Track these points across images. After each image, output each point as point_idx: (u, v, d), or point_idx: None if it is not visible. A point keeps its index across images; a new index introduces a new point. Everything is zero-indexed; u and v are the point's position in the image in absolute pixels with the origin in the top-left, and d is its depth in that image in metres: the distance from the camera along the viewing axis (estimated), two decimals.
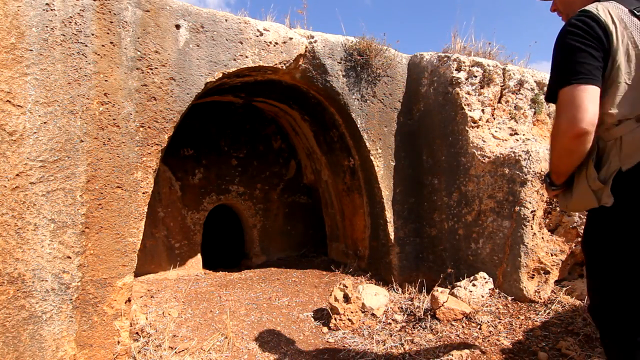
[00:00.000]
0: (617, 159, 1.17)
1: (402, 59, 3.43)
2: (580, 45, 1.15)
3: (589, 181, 1.20)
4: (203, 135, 4.18)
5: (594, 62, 1.15)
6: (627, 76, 1.15)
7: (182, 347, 2.25)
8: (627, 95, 1.15)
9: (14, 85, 1.78)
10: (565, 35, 1.20)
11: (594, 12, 1.17)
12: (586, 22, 1.16)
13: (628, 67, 1.15)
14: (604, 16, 1.16)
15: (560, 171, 1.29)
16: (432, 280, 3.06)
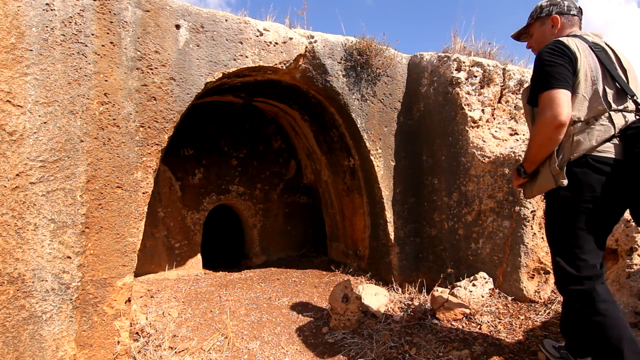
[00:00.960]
0: (569, 150, 1.55)
1: (402, 59, 3.43)
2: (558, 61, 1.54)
3: (551, 167, 1.57)
4: (203, 135, 4.18)
5: (568, 74, 1.53)
6: (583, 90, 1.56)
7: (182, 347, 2.25)
8: (582, 104, 1.56)
9: (14, 85, 1.78)
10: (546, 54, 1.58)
11: (565, 41, 1.58)
12: (561, 47, 1.57)
13: (585, 84, 1.56)
14: (572, 46, 1.56)
15: (537, 160, 1.62)
16: (432, 280, 3.06)
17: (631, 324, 2.00)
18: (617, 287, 2.24)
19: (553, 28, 1.74)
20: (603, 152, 1.53)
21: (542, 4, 1.79)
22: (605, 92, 1.56)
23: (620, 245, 2.45)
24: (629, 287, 2.16)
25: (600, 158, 1.52)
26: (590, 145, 1.52)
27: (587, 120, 1.55)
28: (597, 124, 1.54)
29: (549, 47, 1.59)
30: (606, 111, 1.55)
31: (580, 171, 1.53)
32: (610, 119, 1.54)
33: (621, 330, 1.48)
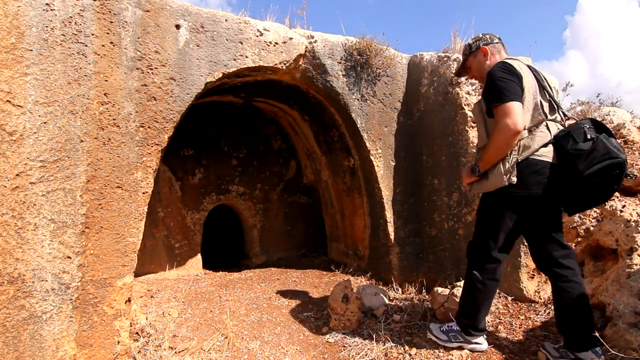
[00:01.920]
0: (517, 153, 1.84)
1: (402, 59, 3.43)
2: (510, 78, 1.81)
3: (504, 167, 1.84)
4: (203, 135, 4.18)
5: (519, 89, 1.80)
6: (528, 103, 1.83)
7: (182, 347, 2.25)
8: (527, 115, 1.83)
9: (14, 85, 1.78)
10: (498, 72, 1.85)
11: (510, 62, 1.87)
12: (509, 67, 1.84)
13: (529, 98, 1.84)
14: (516, 66, 1.85)
15: (492, 162, 1.88)
16: (432, 280, 3.06)
17: (631, 324, 2.00)
18: (617, 287, 2.24)
19: (485, 57, 2.05)
20: (542, 155, 1.84)
21: (470, 42, 2.14)
22: (542, 105, 1.87)
23: (620, 245, 2.45)
24: (629, 287, 2.16)
25: (540, 161, 1.84)
26: (534, 149, 1.84)
27: (530, 129, 1.86)
28: (538, 131, 1.86)
29: (498, 66, 1.87)
30: (544, 120, 1.87)
31: (524, 171, 1.83)
32: (547, 127, 1.87)
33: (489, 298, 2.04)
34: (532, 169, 1.82)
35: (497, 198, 1.91)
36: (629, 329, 1.98)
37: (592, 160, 1.70)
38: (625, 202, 2.60)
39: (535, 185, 1.82)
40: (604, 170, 1.70)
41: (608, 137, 1.75)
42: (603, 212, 2.65)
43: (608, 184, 1.74)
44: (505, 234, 1.94)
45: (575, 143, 1.76)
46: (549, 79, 1.99)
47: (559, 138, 1.84)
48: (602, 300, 2.30)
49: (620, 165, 1.69)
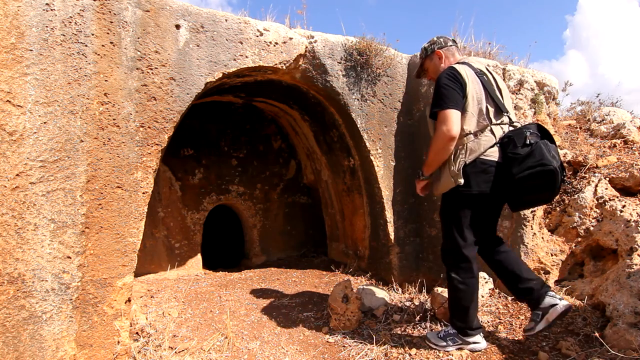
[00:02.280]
0: (463, 156, 1.96)
1: (402, 59, 3.43)
2: (452, 86, 1.94)
3: (450, 170, 1.98)
4: (203, 135, 4.18)
5: (459, 97, 1.93)
6: (471, 109, 1.95)
7: (182, 347, 2.25)
8: (471, 120, 1.96)
9: (14, 85, 1.78)
10: (444, 79, 1.97)
11: (457, 68, 1.98)
12: (454, 74, 1.97)
13: (472, 104, 1.95)
14: (463, 73, 1.96)
15: (433, 165, 2.06)
16: (432, 280, 3.06)
17: (631, 324, 2.00)
18: (617, 287, 2.24)
19: (440, 60, 2.18)
20: (489, 156, 1.97)
21: (426, 45, 2.26)
22: (487, 110, 1.98)
23: (620, 245, 2.45)
24: (629, 287, 2.17)
25: (487, 161, 1.97)
26: (480, 152, 1.96)
27: (475, 133, 1.98)
28: (483, 135, 1.98)
29: (445, 73, 2.00)
30: (489, 125, 1.98)
31: (472, 171, 1.96)
32: (492, 131, 1.98)
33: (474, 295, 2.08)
34: (480, 169, 1.96)
35: (453, 198, 2.04)
36: (629, 329, 1.98)
37: (525, 165, 1.83)
38: (625, 202, 2.60)
39: (484, 183, 1.96)
40: (536, 175, 1.81)
41: (548, 143, 1.85)
42: (603, 212, 2.65)
43: (544, 188, 1.84)
44: (469, 230, 2.04)
45: (515, 147, 1.89)
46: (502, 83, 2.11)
47: (503, 141, 1.97)
48: (602, 300, 2.30)
49: (551, 172, 1.79)
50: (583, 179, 2.90)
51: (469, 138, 1.97)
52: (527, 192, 1.89)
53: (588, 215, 2.70)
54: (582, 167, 2.99)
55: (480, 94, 1.97)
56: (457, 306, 2.11)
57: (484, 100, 1.97)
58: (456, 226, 2.06)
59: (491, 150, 1.96)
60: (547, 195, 1.90)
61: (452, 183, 1.99)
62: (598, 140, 3.50)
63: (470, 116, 1.95)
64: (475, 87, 1.96)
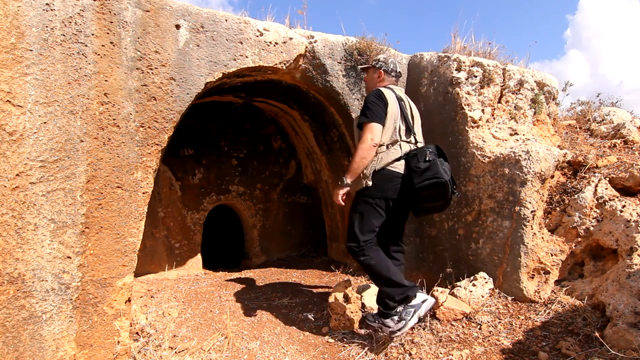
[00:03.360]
0: (375, 163, 2.31)
1: (402, 59, 3.43)
2: (378, 103, 2.31)
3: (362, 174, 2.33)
4: (203, 135, 4.18)
5: (383, 114, 2.30)
6: (389, 124, 2.31)
7: (182, 347, 2.25)
8: (386, 134, 2.32)
9: (14, 85, 1.78)
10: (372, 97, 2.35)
11: (382, 91, 2.36)
12: (380, 94, 2.34)
13: (389, 122, 2.32)
14: (386, 95, 2.34)
15: (357, 171, 2.32)
16: (432, 280, 3.06)
17: (631, 324, 2.00)
18: (617, 287, 2.24)
19: (378, 77, 2.54)
20: (395, 168, 2.31)
21: (380, 58, 2.58)
22: (400, 128, 2.35)
23: (620, 245, 2.45)
24: (629, 287, 2.16)
25: (393, 172, 2.31)
26: (388, 162, 2.30)
27: (387, 145, 2.33)
28: (392, 148, 2.33)
29: (374, 92, 2.37)
30: (399, 141, 2.34)
31: (379, 178, 2.30)
32: (400, 146, 2.34)
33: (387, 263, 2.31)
34: (387, 177, 2.30)
35: (361, 198, 2.37)
36: (629, 329, 1.98)
37: (424, 177, 2.19)
38: (625, 202, 2.60)
39: (389, 190, 2.30)
40: (431, 186, 2.18)
41: (443, 161, 2.25)
42: (603, 212, 2.65)
43: (438, 197, 2.22)
44: (369, 228, 2.35)
45: (417, 162, 2.25)
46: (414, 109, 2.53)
47: (410, 156, 2.31)
48: (602, 300, 2.30)
49: (443, 184, 2.16)
50: (583, 179, 2.90)
51: (382, 148, 2.33)
52: (424, 200, 2.26)
53: (588, 215, 2.70)
54: (582, 167, 2.99)
55: (396, 115, 2.35)
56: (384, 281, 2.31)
57: (398, 120, 2.35)
58: (357, 223, 2.36)
59: (398, 163, 2.32)
60: (441, 204, 2.27)
61: (362, 184, 2.34)
62: (598, 140, 3.50)
63: (387, 130, 2.32)
64: (394, 108, 2.35)
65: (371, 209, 2.33)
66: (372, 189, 2.30)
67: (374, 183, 2.30)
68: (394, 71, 2.56)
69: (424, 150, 2.28)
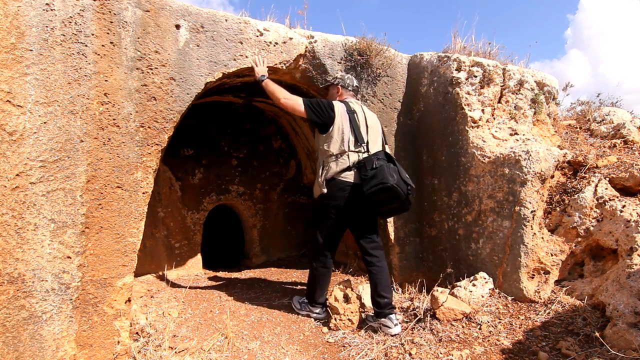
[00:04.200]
0: (326, 172, 2.52)
1: (402, 59, 3.43)
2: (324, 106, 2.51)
3: (318, 180, 2.56)
4: (203, 135, 4.17)
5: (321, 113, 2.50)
6: (336, 136, 2.50)
7: (182, 347, 2.25)
8: (335, 144, 2.51)
9: (14, 85, 1.78)
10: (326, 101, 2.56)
11: (334, 103, 2.56)
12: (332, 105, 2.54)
13: (337, 132, 2.50)
14: (336, 107, 2.54)
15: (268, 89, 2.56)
16: (432, 280, 3.06)
17: (631, 324, 2.00)
18: (617, 287, 2.24)
19: (337, 93, 2.75)
20: (345, 177, 2.49)
21: (337, 75, 2.79)
22: (348, 140, 2.50)
23: (620, 245, 2.45)
24: (629, 287, 2.17)
25: (343, 182, 2.50)
26: (337, 171, 2.49)
27: (336, 155, 2.51)
28: (341, 158, 2.50)
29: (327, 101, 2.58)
30: (346, 152, 2.49)
31: (332, 186, 2.51)
32: (348, 157, 2.49)
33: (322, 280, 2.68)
34: (338, 187, 2.50)
35: (320, 206, 2.61)
36: (629, 329, 1.98)
37: (371, 184, 2.33)
38: (625, 202, 2.60)
39: (341, 198, 2.49)
40: (379, 191, 2.30)
41: (391, 166, 2.37)
42: (603, 212, 2.65)
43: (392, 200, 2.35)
44: (328, 233, 2.60)
45: (365, 170, 2.41)
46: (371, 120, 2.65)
47: (360, 165, 2.47)
48: (602, 300, 2.30)
49: (389, 188, 2.28)
50: (583, 179, 2.90)
51: (331, 158, 2.52)
52: (379, 204, 2.40)
53: (588, 215, 2.70)
54: (582, 167, 2.99)
55: (345, 127, 2.50)
56: (309, 285, 2.74)
57: (347, 131, 2.50)
58: (319, 228, 2.62)
59: (347, 173, 2.49)
60: (398, 205, 2.38)
61: (319, 191, 2.56)
62: (598, 140, 3.50)
63: (335, 141, 2.50)
64: (343, 121, 2.51)
65: (328, 216, 2.57)
66: (328, 197, 2.52)
67: (328, 192, 2.52)
68: (350, 86, 2.75)
69: (371, 159, 2.43)
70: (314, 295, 2.71)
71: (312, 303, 2.74)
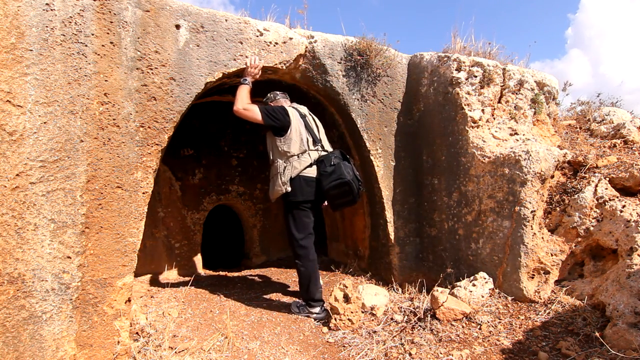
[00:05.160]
0: (290, 172, 2.69)
1: (402, 59, 3.43)
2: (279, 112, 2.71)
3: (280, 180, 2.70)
4: (203, 135, 4.17)
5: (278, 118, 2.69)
6: (295, 137, 2.71)
7: (182, 347, 2.25)
8: (295, 145, 2.71)
9: (14, 85, 1.78)
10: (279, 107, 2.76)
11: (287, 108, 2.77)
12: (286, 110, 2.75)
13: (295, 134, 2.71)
14: (290, 111, 2.75)
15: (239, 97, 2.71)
16: (432, 280, 3.06)
17: (631, 324, 2.00)
18: (617, 287, 2.24)
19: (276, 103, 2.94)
20: (308, 173, 2.71)
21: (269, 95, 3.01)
22: (307, 140, 2.75)
23: (620, 245, 2.45)
24: (629, 287, 2.17)
25: (307, 177, 2.70)
26: (300, 169, 2.70)
27: (298, 155, 2.72)
28: (302, 157, 2.72)
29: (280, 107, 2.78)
30: (307, 150, 2.74)
31: (297, 184, 2.69)
32: (309, 155, 2.74)
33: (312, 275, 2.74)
34: (305, 182, 2.70)
35: (287, 204, 2.75)
36: (629, 329, 1.98)
37: (330, 179, 2.62)
38: (625, 202, 2.60)
39: (307, 193, 2.70)
40: (336, 186, 2.61)
41: (347, 164, 2.67)
42: (603, 212, 2.65)
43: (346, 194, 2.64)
44: (301, 226, 2.75)
45: (325, 167, 2.67)
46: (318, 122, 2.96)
47: (319, 162, 2.72)
48: (602, 300, 2.30)
49: (347, 183, 2.59)
50: (583, 179, 2.90)
51: (293, 158, 2.71)
52: (336, 198, 2.67)
53: (588, 215, 2.70)
54: (582, 167, 2.99)
55: (301, 128, 2.74)
56: (302, 284, 2.80)
57: (304, 132, 2.74)
58: (292, 225, 2.75)
59: (310, 169, 2.72)
60: (351, 198, 2.67)
61: (281, 191, 2.70)
62: (598, 140, 3.50)
63: (294, 142, 2.70)
64: (297, 123, 2.74)
65: (300, 211, 2.73)
66: (294, 194, 2.68)
67: (295, 189, 2.68)
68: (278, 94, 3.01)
69: (330, 156, 2.71)
70: (308, 293, 2.76)
71: (309, 302, 2.78)
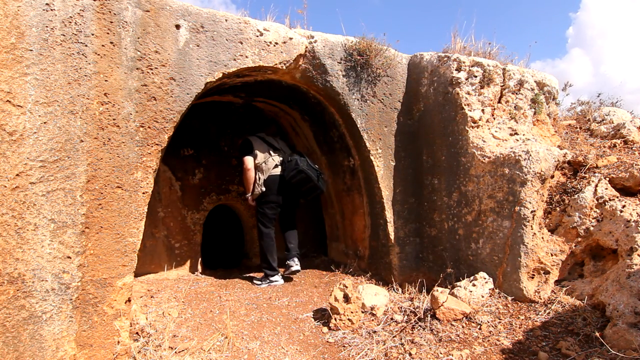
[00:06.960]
0: (264, 174, 3.50)
1: (402, 59, 3.43)
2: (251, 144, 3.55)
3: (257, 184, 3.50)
4: (203, 135, 4.17)
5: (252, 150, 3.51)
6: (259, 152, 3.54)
7: (182, 347, 2.25)
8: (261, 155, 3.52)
9: (14, 85, 1.78)
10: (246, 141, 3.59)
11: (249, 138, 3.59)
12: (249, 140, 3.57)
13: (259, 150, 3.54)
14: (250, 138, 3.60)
15: (249, 187, 3.52)
16: (432, 280, 3.06)
17: (631, 324, 2.01)
18: (617, 287, 2.24)
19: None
20: (276, 172, 3.50)
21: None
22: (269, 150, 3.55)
23: (620, 245, 2.45)
24: (629, 287, 2.17)
25: (275, 176, 3.49)
26: (269, 170, 3.49)
27: (265, 161, 3.50)
28: (269, 160, 3.51)
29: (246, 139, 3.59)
30: (271, 155, 3.54)
31: (269, 183, 3.48)
32: (273, 158, 3.53)
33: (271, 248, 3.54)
34: (273, 181, 3.49)
35: (261, 201, 3.53)
36: (629, 329, 1.98)
37: (289, 169, 3.41)
38: (625, 202, 2.60)
39: (275, 189, 3.49)
40: (295, 175, 3.37)
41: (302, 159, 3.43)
42: (603, 212, 2.65)
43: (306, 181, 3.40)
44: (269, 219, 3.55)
45: (284, 163, 3.51)
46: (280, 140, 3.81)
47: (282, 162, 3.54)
48: (602, 300, 2.30)
49: (301, 171, 3.36)
50: (583, 179, 2.90)
51: (263, 164, 3.49)
52: (299, 186, 3.42)
53: (588, 215, 2.70)
54: (582, 167, 2.99)
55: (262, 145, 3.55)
56: (263, 256, 3.55)
57: (266, 146, 3.56)
58: (262, 217, 3.54)
59: (276, 169, 3.51)
60: (313, 185, 3.41)
61: (258, 193, 3.49)
62: (598, 140, 3.50)
63: (260, 154, 3.49)
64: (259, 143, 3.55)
65: (268, 205, 3.52)
66: (267, 193, 3.47)
67: (267, 188, 3.46)
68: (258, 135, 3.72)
69: (287, 156, 3.57)
70: (270, 263, 3.49)
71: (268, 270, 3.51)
